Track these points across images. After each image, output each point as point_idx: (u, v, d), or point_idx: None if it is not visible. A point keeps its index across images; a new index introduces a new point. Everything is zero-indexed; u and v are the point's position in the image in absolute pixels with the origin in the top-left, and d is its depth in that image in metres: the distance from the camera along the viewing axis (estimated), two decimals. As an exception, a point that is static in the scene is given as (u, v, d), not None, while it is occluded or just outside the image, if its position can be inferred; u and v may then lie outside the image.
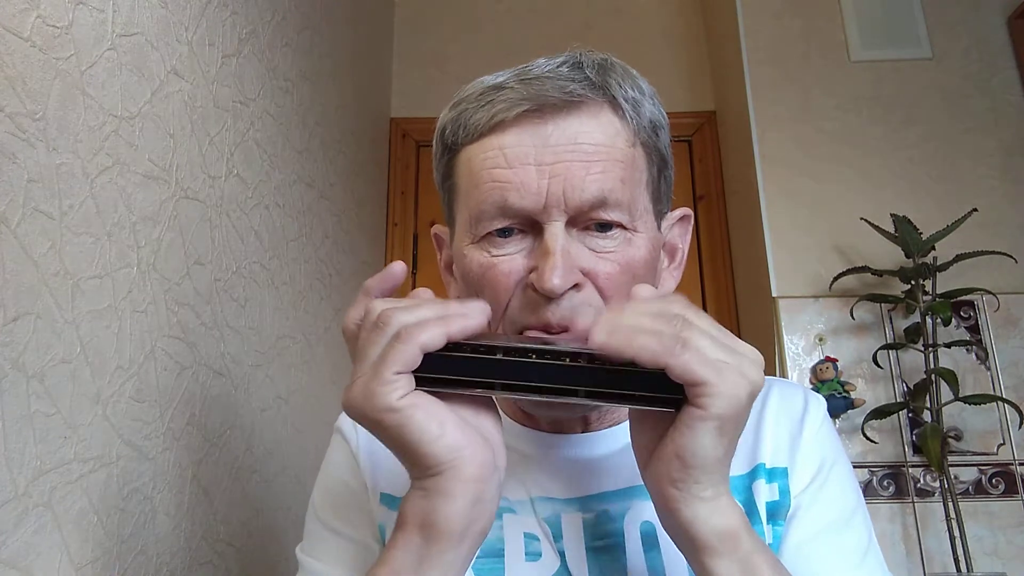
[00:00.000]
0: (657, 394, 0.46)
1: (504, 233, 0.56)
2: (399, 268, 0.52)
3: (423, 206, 2.31)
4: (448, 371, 0.46)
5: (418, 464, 0.46)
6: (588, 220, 0.55)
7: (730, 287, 2.14)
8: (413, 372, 0.45)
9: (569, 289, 0.53)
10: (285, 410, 1.23)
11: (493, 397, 0.50)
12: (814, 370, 1.68)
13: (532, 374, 0.46)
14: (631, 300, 0.49)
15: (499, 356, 0.46)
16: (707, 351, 0.44)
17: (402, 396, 0.44)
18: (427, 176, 2.32)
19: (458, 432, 0.46)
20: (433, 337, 0.45)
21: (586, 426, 0.63)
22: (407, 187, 2.31)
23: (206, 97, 0.96)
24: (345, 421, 0.69)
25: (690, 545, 0.47)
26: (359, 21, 1.96)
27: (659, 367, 0.44)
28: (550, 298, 0.53)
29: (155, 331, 0.81)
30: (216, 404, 0.96)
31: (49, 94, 0.63)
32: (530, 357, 0.46)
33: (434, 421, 0.45)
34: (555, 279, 0.51)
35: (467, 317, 0.46)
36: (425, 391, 0.46)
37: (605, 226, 0.56)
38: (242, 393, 1.05)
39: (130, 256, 0.76)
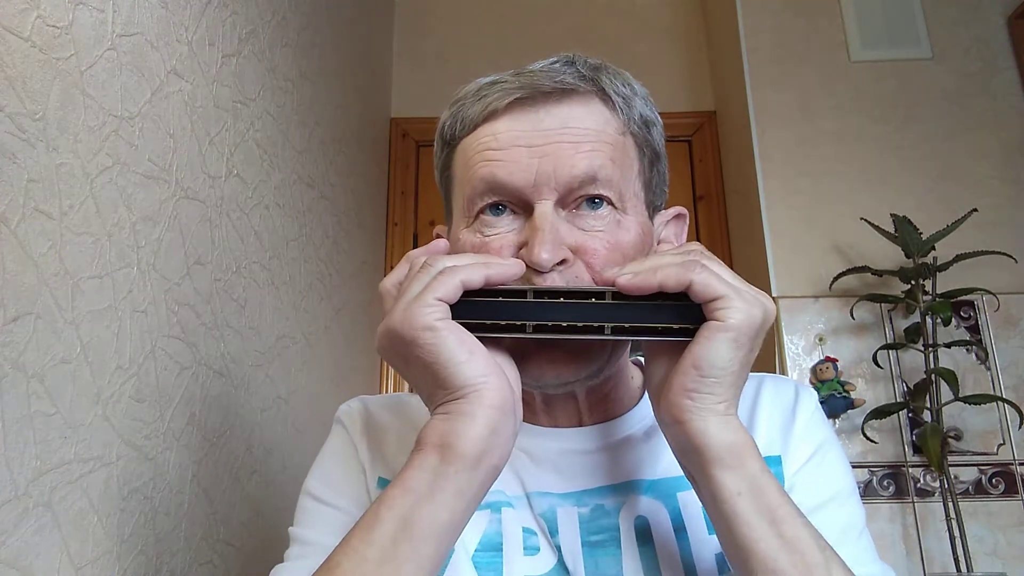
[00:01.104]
0: (678, 324, 0.50)
1: (496, 211, 0.57)
2: (443, 243, 0.56)
3: (423, 206, 2.31)
4: (482, 315, 0.50)
5: (445, 385, 0.49)
6: (578, 197, 0.57)
7: (730, 287, 2.14)
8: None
9: (557, 264, 0.54)
10: (285, 410, 1.23)
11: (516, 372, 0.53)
12: (814, 370, 1.68)
13: (560, 314, 0.50)
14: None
15: (529, 298, 0.51)
16: (724, 275, 0.49)
17: (439, 319, 0.48)
18: (427, 176, 2.32)
19: (484, 362, 0.49)
20: (473, 274, 0.49)
21: (581, 420, 0.64)
22: (407, 187, 2.31)
23: (206, 97, 0.96)
24: (344, 411, 0.69)
25: (698, 458, 0.49)
26: (359, 21, 1.96)
27: (682, 286, 0.48)
28: (540, 272, 0.54)
29: (155, 331, 0.81)
30: (216, 404, 0.96)
31: (49, 94, 0.63)
32: (558, 299, 0.50)
33: (464, 347, 0.49)
34: (544, 253, 0.53)
35: (505, 265, 0.51)
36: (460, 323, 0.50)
37: (595, 203, 0.57)
38: (242, 393, 1.05)
39: (130, 256, 0.76)
